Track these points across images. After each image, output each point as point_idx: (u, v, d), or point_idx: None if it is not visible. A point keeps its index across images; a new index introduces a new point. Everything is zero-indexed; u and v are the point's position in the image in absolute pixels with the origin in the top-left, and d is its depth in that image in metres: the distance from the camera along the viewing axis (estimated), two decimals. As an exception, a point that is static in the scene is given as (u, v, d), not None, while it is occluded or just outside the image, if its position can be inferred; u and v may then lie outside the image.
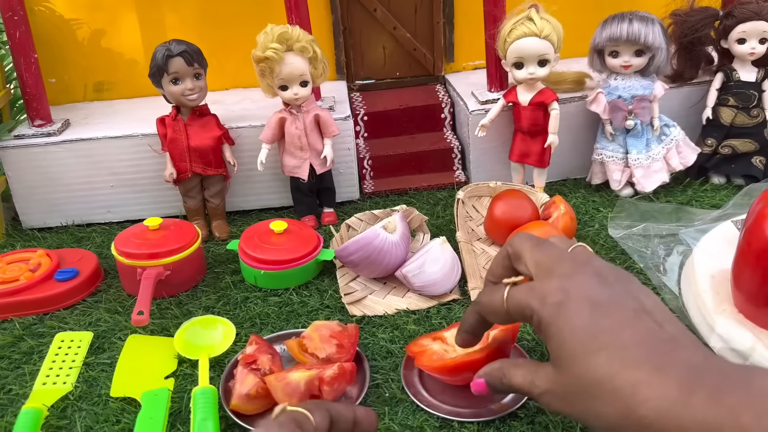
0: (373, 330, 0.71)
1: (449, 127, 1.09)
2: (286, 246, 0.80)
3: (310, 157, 0.91)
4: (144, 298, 0.71)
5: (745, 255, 0.63)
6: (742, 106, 0.94)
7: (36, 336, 0.73)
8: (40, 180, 0.96)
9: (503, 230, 0.80)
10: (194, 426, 0.56)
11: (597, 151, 0.96)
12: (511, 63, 0.89)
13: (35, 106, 0.96)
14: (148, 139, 0.94)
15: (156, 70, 0.85)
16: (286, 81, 0.86)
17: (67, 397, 0.64)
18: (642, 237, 0.82)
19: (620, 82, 0.92)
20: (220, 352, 0.67)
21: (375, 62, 1.11)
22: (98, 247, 0.92)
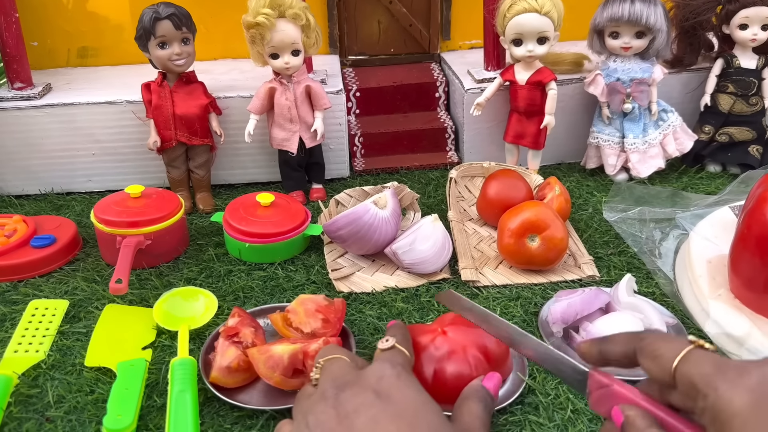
0: (361, 307, 0.69)
1: (443, 106, 1.06)
2: (273, 219, 0.78)
3: (300, 129, 0.88)
4: (123, 266, 0.69)
5: (744, 239, 0.62)
6: (741, 93, 0.93)
7: (9, 303, 0.70)
8: (18, 145, 0.92)
9: (496, 210, 0.78)
10: (171, 398, 0.54)
11: (593, 134, 0.95)
12: (509, 40, 0.87)
13: (15, 68, 0.92)
14: (132, 106, 0.91)
15: (143, 32, 0.82)
16: (277, 49, 0.83)
17: (40, 365, 0.61)
18: (637, 221, 0.80)
19: (619, 64, 0.91)
20: (200, 324, 0.65)
21: (369, 37, 1.09)
22: (78, 215, 0.89)
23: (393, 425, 0.38)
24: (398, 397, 0.40)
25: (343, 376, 0.43)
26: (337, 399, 0.40)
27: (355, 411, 0.39)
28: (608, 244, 0.79)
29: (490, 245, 0.80)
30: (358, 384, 0.41)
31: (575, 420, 0.54)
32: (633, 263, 0.75)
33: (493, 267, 0.75)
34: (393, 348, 0.47)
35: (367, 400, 0.40)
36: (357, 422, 0.39)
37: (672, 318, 0.64)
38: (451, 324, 0.57)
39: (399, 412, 0.39)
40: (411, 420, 0.39)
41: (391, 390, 0.41)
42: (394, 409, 0.40)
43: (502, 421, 0.54)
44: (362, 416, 0.39)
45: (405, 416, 0.39)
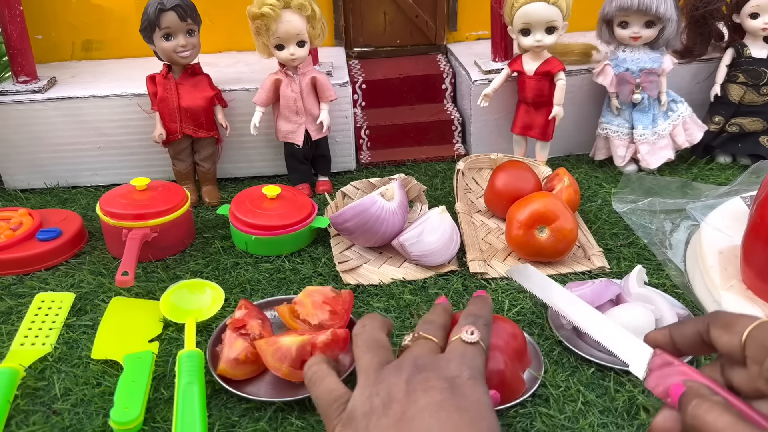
0: (368, 299, 0.69)
1: (450, 98, 1.05)
2: (279, 212, 0.77)
3: (306, 122, 0.88)
4: (129, 258, 0.68)
5: (756, 230, 0.61)
6: (752, 83, 0.92)
7: (15, 296, 0.70)
8: (24, 139, 0.92)
9: (505, 201, 0.78)
10: (179, 390, 0.54)
11: (602, 125, 0.94)
12: (517, 29, 0.86)
13: (20, 62, 0.92)
14: (137, 99, 0.90)
15: (147, 24, 0.81)
16: (282, 40, 0.82)
17: (46, 358, 0.61)
18: (647, 212, 0.79)
19: (628, 54, 0.90)
20: (207, 317, 0.65)
21: (375, 28, 1.08)
22: (83, 209, 0.88)
23: (456, 415, 0.40)
24: (468, 395, 0.42)
25: (424, 357, 0.45)
26: (412, 377, 0.43)
27: (425, 390, 0.41)
28: (618, 236, 0.78)
29: (499, 237, 0.79)
30: (435, 371, 0.43)
31: (586, 412, 0.54)
32: (643, 255, 0.74)
33: (501, 259, 0.75)
34: (477, 344, 0.46)
35: (440, 385, 0.42)
36: (423, 400, 0.41)
37: (683, 309, 0.63)
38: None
39: (465, 407, 0.41)
40: (474, 416, 0.41)
41: (465, 388, 0.43)
42: (461, 402, 0.41)
43: (512, 413, 0.54)
44: (430, 396, 0.41)
45: (470, 412, 0.41)
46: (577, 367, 0.58)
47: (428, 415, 0.40)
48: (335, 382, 0.46)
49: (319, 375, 0.47)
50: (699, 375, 0.40)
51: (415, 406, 0.40)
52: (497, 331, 0.55)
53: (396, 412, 0.41)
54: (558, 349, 0.60)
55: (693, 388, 0.39)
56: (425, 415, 0.40)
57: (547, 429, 0.52)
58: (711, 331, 0.40)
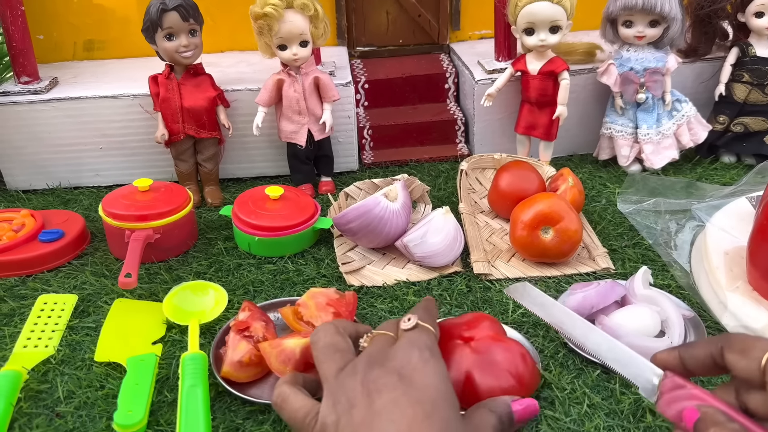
0: (372, 300, 0.68)
1: (453, 98, 1.05)
2: (282, 212, 0.77)
3: (309, 122, 0.87)
4: (132, 260, 0.68)
5: (763, 230, 0.61)
6: (757, 82, 0.91)
7: (18, 298, 0.70)
8: (26, 140, 0.92)
9: (508, 202, 0.77)
10: (182, 392, 0.53)
11: (606, 125, 0.93)
12: (521, 29, 0.85)
13: (22, 62, 0.92)
14: (140, 99, 0.90)
15: (150, 24, 0.81)
16: (285, 40, 0.82)
17: (49, 360, 0.60)
18: (652, 212, 0.79)
19: (633, 53, 0.89)
20: (211, 319, 0.64)
21: (377, 28, 1.07)
22: (86, 209, 0.88)
23: (411, 409, 0.40)
24: (421, 383, 0.42)
25: (376, 353, 0.45)
26: (366, 376, 0.42)
27: (378, 391, 0.41)
28: (623, 236, 0.78)
29: (503, 238, 0.78)
30: (385, 366, 0.43)
31: (592, 414, 0.53)
32: (648, 255, 0.74)
33: (505, 260, 0.74)
34: (416, 327, 0.46)
35: (391, 381, 0.41)
36: (378, 401, 0.41)
37: (689, 311, 0.63)
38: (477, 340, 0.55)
39: (419, 399, 0.41)
40: (428, 408, 0.40)
41: (414, 374, 0.42)
42: (414, 394, 0.41)
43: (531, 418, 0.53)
44: (384, 396, 0.41)
45: (423, 403, 0.40)
46: (583, 369, 0.58)
47: (384, 417, 0.40)
48: (301, 400, 0.45)
49: (282, 397, 0.46)
50: (712, 398, 0.39)
51: (373, 409, 0.40)
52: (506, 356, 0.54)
53: (358, 417, 0.40)
54: (563, 351, 0.60)
55: (708, 414, 0.38)
56: (382, 418, 0.40)
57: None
58: (726, 355, 0.39)
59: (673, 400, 0.41)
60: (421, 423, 0.39)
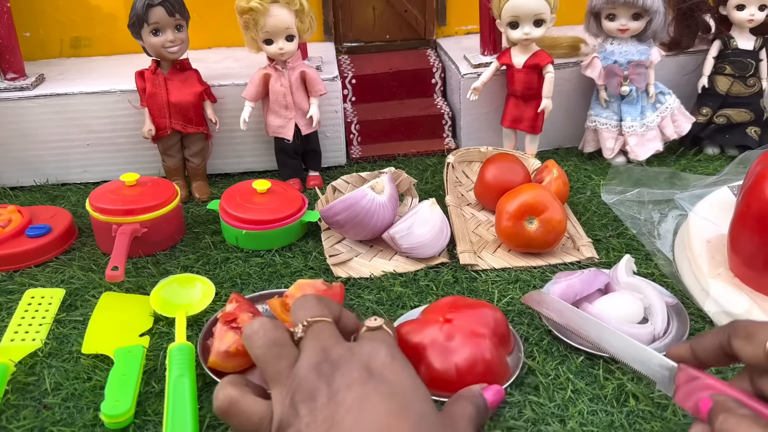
0: (359, 291, 0.69)
1: (440, 92, 1.06)
2: (269, 206, 0.77)
3: (296, 116, 0.88)
4: (119, 253, 0.68)
5: (743, 217, 0.62)
6: (739, 74, 0.92)
7: (5, 292, 0.70)
8: (12, 136, 0.92)
9: (494, 194, 0.78)
10: (170, 383, 0.54)
11: (591, 118, 0.94)
12: (506, 23, 0.86)
13: (8, 59, 0.91)
14: (126, 95, 0.90)
15: (136, 20, 0.81)
16: (271, 34, 0.82)
17: (36, 353, 0.60)
18: (636, 202, 0.80)
19: (616, 46, 0.90)
20: (198, 311, 0.65)
21: (364, 24, 1.08)
22: (73, 205, 0.88)
23: (383, 405, 0.38)
24: (391, 379, 0.40)
25: (334, 347, 0.42)
26: (331, 375, 0.40)
27: (347, 387, 0.39)
28: (607, 227, 0.78)
29: (488, 229, 0.79)
30: (352, 362, 0.40)
31: (576, 400, 0.54)
32: (632, 245, 0.75)
33: (491, 251, 0.75)
34: (381, 328, 0.46)
35: (360, 377, 0.39)
36: (348, 398, 0.38)
37: (672, 298, 0.64)
38: (451, 310, 0.57)
39: (390, 394, 0.39)
40: (401, 402, 0.39)
41: (384, 370, 0.40)
42: (385, 389, 0.39)
43: (502, 403, 0.54)
44: (353, 392, 0.38)
45: (396, 398, 0.39)
46: (567, 356, 0.58)
47: (356, 414, 0.37)
48: (253, 402, 0.41)
49: (230, 401, 0.41)
50: (727, 387, 0.40)
51: (343, 408, 0.38)
52: (481, 318, 0.56)
53: (325, 417, 0.38)
54: (547, 338, 0.61)
55: (719, 402, 0.39)
56: (354, 415, 0.37)
57: (537, 417, 0.52)
58: (733, 343, 0.40)
59: (689, 393, 0.41)
60: (396, 417, 0.38)
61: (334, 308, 0.47)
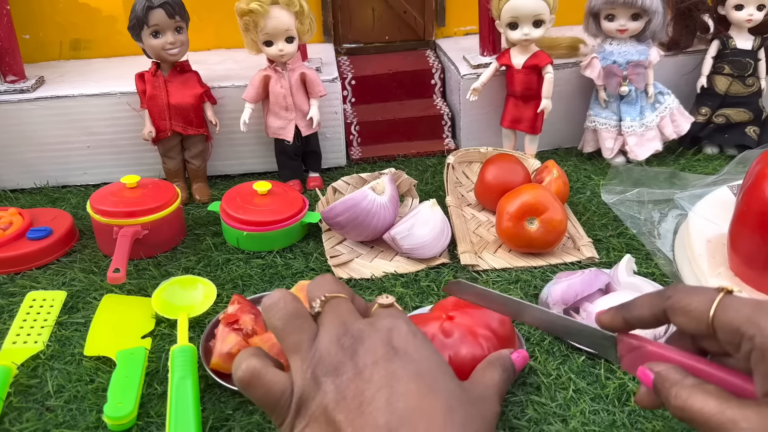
0: (360, 292, 0.69)
1: (439, 93, 1.06)
2: (270, 207, 0.77)
3: (296, 118, 0.88)
4: (120, 255, 0.68)
5: (743, 217, 0.62)
6: (738, 74, 0.93)
7: (6, 295, 0.70)
8: (12, 139, 0.92)
9: (494, 194, 0.78)
10: (172, 384, 0.54)
11: (590, 118, 0.94)
12: (505, 23, 0.86)
13: (8, 61, 0.91)
14: (127, 97, 0.90)
15: (135, 22, 0.81)
16: (270, 36, 0.82)
17: (38, 356, 0.61)
18: (636, 202, 0.80)
19: (615, 47, 0.90)
20: (200, 313, 0.65)
21: (363, 25, 1.08)
22: (74, 208, 0.88)
23: (413, 384, 0.37)
24: (417, 356, 0.39)
25: (353, 322, 0.41)
26: (355, 350, 0.39)
27: (374, 363, 0.38)
28: (607, 227, 0.79)
29: (489, 230, 0.79)
30: (374, 337, 0.40)
31: (577, 399, 0.54)
32: (632, 245, 0.75)
33: (492, 251, 0.75)
34: (393, 305, 0.45)
35: (385, 354, 0.39)
36: (375, 375, 0.38)
37: (672, 297, 0.64)
38: (455, 308, 0.57)
39: (419, 371, 0.38)
40: (429, 381, 0.38)
41: (408, 346, 0.40)
42: (413, 367, 0.38)
43: (504, 403, 0.54)
44: (381, 370, 0.38)
45: (423, 377, 0.38)
46: (568, 356, 0.59)
47: (387, 394, 0.37)
48: (275, 373, 0.40)
49: (252, 372, 0.40)
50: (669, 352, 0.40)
51: (372, 386, 0.37)
52: (484, 317, 0.56)
53: (354, 394, 0.37)
54: (549, 338, 0.61)
55: (662, 374, 0.39)
56: (385, 395, 0.37)
57: (539, 416, 0.53)
58: (672, 319, 0.40)
59: (632, 362, 0.41)
60: (427, 397, 0.37)
61: (349, 290, 0.46)
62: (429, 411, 0.37)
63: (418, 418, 0.36)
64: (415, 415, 0.36)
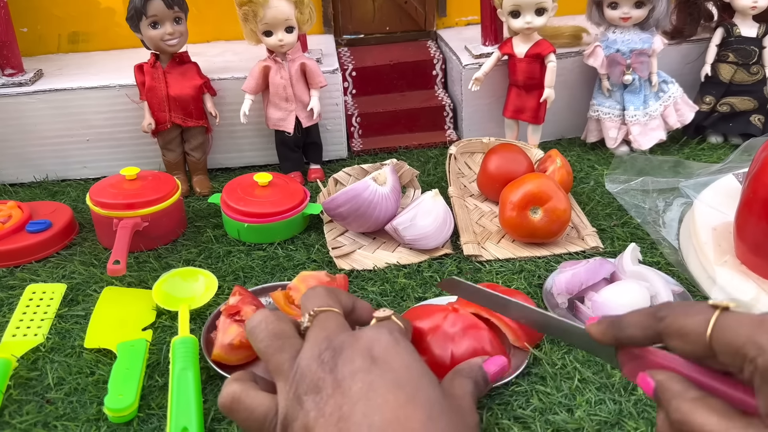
0: (362, 283, 0.68)
1: (441, 84, 1.05)
2: (271, 199, 0.77)
3: (296, 109, 0.87)
4: (120, 247, 0.68)
5: (749, 204, 0.61)
6: (742, 62, 0.92)
7: (6, 288, 0.69)
8: (11, 133, 0.91)
9: (497, 184, 0.77)
10: (173, 376, 0.53)
11: (593, 107, 0.93)
12: (507, 12, 0.85)
13: (6, 54, 0.91)
14: (126, 90, 0.89)
15: (134, 13, 0.80)
16: (270, 26, 0.81)
17: (38, 348, 0.60)
18: (640, 191, 0.79)
19: (619, 35, 0.89)
20: (201, 304, 0.64)
21: (364, 16, 1.07)
22: (73, 201, 0.88)
23: (391, 395, 0.37)
24: (396, 365, 0.39)
25: (338, 335, 0.40)
26: (334, 363, 0.38)
27: (351, 375, 0.38)
28: (611, 216, 0.78)
29: (492, 220, 0.79)
30: (354, 347, 0.39)
31: (583, 389, 0.53)
32: (637, 234, 0.74)
33: (495, 241, 0.74)
34: (389, 319, 0.45)
35: (363, 365, 0.38)
36: (354, 388, 0.37)
37: (678, 286, 0.63)
38: (462, 301, 0.57)
39: (398, 381, 0.38)
40: (409, 390, 0.37)
41: (388, 356, 0.39)
42: (392, 377, 0.38)
43: (509, 392, 0.53)
44: (359, 382, 0.37)
45: (404, 386, 0.37)
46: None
47: (364, 406, 0.36)
48: (256, 397, 0.40)
49: (233, 397, 0.41)
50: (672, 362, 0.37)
51: (349, 399, 0.36)
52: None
53: (333, 409, 0.36)
54: (554, 327, 0.60)
55: (662, 384, 0.36)
56: (362, 407, 0.36)
57: (544, 406, 0.52)
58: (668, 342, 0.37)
59: (634, 371, 0.39)
60: (406, 407, 0.36)
61: (345, 300, 0.46)
62: (406, 422, 0.36)
63: (394, 430, 0.35)
64: (392, 427, 0.35)
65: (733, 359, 0.34)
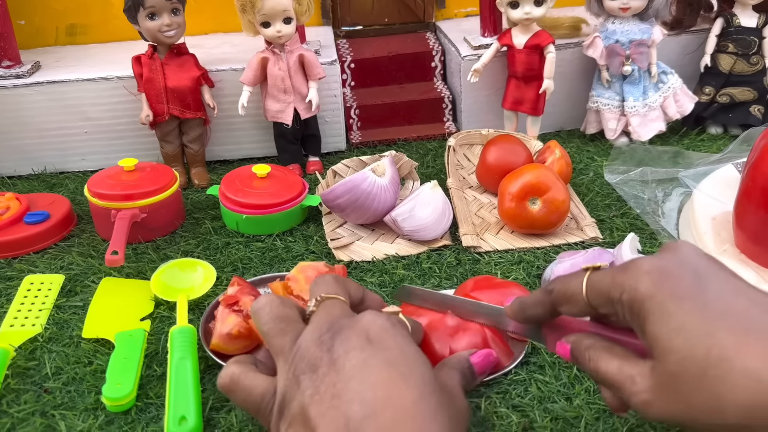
0: (361, 275, 0.68)
1: (440, 76, 1.05)
2: (270, 190, 0.77)
3: (294, 100, 0.87)
4: (118, 238, 0.67)
5: (748, 192, 0.61)
6: (742, 52, 0.91)
7: (4, 279, 0.69)
8: (9, 125, 0.91)
9: (496, 176, 0.77)
10: (172, 365, 0.53)
11: (593, 98, 0.93)
12: (506, 2, 0.85)
13: (3, 46, 0.90)
14: (124, 81, 0.89)
15: (132, 4, 0.80)
16: (268, 17, 0.81)
17: (36, 338, 0.60)
18: (639, 182, 0.79)
19: (618, 26, 0.89)
20: (199, 295, 0.64)
21: (362, 7, 1.07)
22: (72, 193, 0.87)
23: (385, 372, 0.37)
24: (391, 345, 0.39)
25: (339, 320, 0.41)
26: (332, 343, 0.39)
27: (345, 353, 0.38)
28: (610, 207, 0.78)
29: (491, 211, 0.78)
30: (351, 327, 0.40)
31: (582, 378, 0.53)
32: (636, 224, 0.74)
33: (494, 232, 0.74)
34: (397, 315, 0.45)
35: (358, 343, 0.38)
36: (347, 365, 0.37)
37: (677, 276, 0.63)
38: (475, 290, 0.57)
39: (391, 360, 0.38)
40: (403, 370, 0.38)
41: (383, 337, 0.39)
42: (386, 355, 0.38)
43: (507, 381, 0.53)
44: (353, 359, 0.37)
45: (397, 365, 0.38)
46: (572, 334, 0.58)
47: (357, 383, 0.36)
48: (254, 378, 0.42)
49: (232, 378, 0.42)
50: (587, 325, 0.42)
51: (343, 377, 0.37)
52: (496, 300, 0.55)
53: (327, 386, 0.37)
54: (552, 317, 0.60)
55: (575, 344, 0.41)
56: (355, 384, 0.36)
57: (543, 395, 0.52)
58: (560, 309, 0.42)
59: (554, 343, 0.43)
60: (398, 385, 0.37)
61: (355, 291, 0.47)
62: (398, 400, 0.36)
63: (385, 408, 0.35)
64: (383, 404, 0.36)
65: (608, 307, 0.38)
